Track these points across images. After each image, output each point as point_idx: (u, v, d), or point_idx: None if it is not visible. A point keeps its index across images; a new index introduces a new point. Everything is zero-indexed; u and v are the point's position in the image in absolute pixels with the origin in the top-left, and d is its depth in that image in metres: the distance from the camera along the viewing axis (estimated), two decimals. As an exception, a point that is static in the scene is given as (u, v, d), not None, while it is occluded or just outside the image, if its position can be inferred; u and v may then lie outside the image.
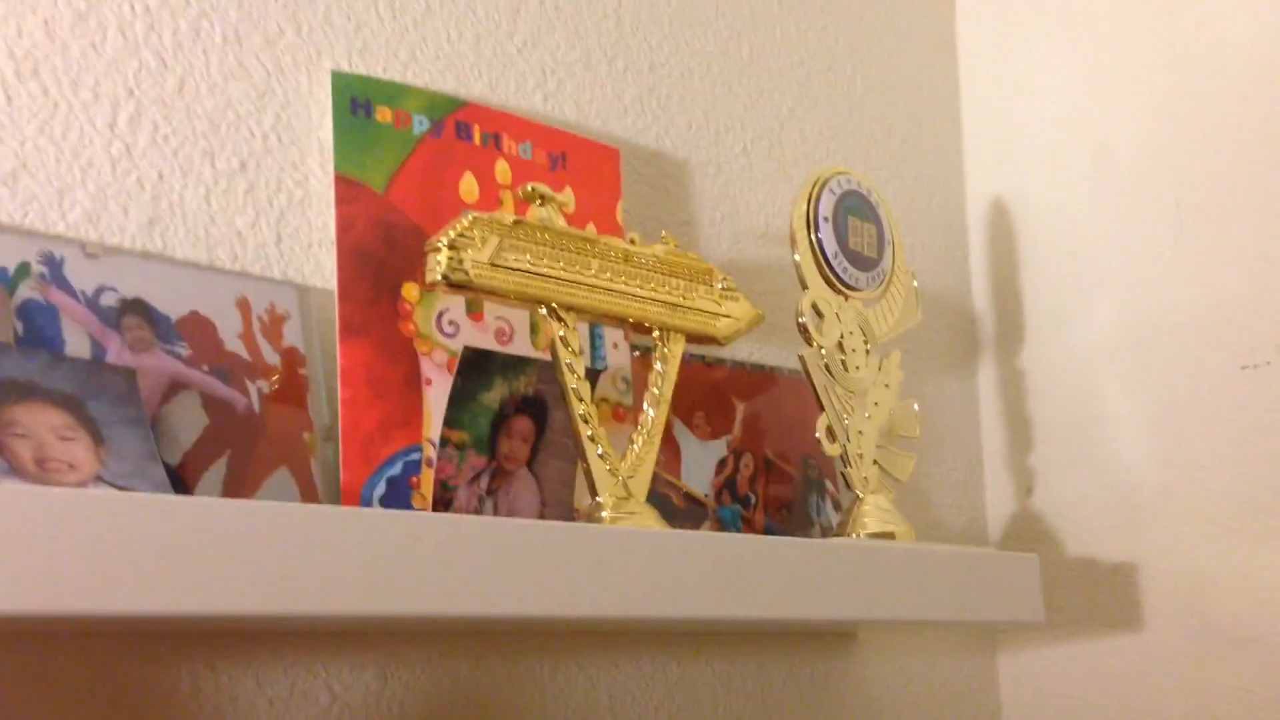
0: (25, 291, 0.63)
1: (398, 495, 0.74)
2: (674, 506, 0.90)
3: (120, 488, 0.60)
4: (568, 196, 0.82)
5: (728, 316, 0.85)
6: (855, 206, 0.94)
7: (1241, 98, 1.02)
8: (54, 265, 0.64)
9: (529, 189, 0.78)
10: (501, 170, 0.83)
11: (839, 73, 1.11)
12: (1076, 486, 1.10)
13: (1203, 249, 1.04)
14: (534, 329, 0.83)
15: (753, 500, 0.95)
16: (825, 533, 0.98)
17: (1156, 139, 1.07)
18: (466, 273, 0.72)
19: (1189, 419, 1.03)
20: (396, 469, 0.74)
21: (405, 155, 0.78)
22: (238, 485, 0.68)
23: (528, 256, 0.75)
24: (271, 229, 0.75)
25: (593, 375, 0.85)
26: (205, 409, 0.68)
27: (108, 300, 0.66)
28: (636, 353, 0.89)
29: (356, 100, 0.77)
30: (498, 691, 0.81)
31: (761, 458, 0.96)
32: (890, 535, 0.89)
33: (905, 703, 1.06)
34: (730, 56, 1.03)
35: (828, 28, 1.11)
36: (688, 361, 0.92)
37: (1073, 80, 1.14)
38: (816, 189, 0.92)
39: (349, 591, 0.58)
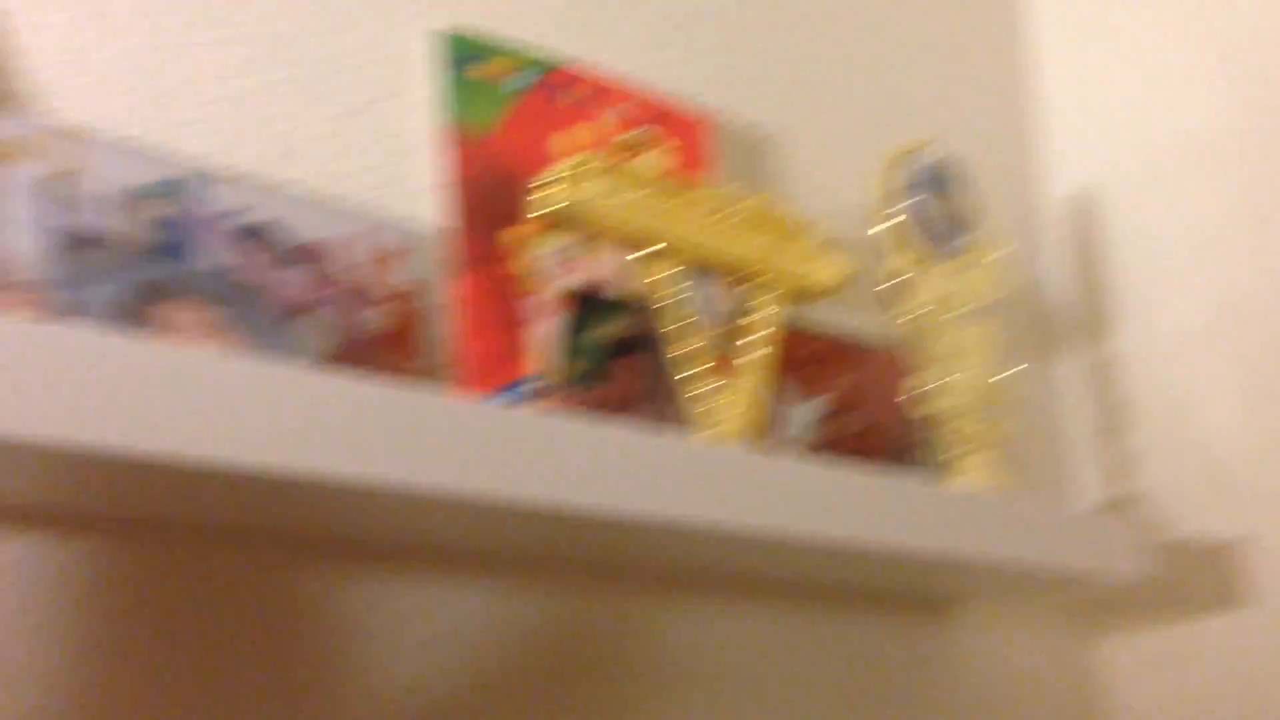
0: (164, 208, 0.66)
1: (508, 427, 0.75)
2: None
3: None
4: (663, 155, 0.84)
5: (825, 270, 0.86)
6: (942, 178, 0.96)
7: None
8: (195, 187, 0.68)
9: (630, 135, 0.80)
10: (595, 132, 0.86)
11: (925, 56, 1.14)
12: (1174, 470, 1.09)
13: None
14: (640, 271, 0.84)
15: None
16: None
17: (1238, 120, 1.08)
18: (571, 209, 0.74)
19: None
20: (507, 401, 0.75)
21: (503, 111, 0.81)
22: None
23: (631, 197, 0.77)
24: (383, 171, 0.78)
25: (702, 325, 0.86)
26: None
27: (231, 224, 0.68)
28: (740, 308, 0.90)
29: (458, 56, 0.80)
30: (601, 628, 0.81)
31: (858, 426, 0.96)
32: (989, 493, 0.88)
33: (1000, 681, 1.04)
34: (817, 32, 1.07)
35: (914, 13, 1.14)
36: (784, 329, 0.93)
37: (1152, 64, 1.15)
38: (904, 160, 0.94)
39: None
